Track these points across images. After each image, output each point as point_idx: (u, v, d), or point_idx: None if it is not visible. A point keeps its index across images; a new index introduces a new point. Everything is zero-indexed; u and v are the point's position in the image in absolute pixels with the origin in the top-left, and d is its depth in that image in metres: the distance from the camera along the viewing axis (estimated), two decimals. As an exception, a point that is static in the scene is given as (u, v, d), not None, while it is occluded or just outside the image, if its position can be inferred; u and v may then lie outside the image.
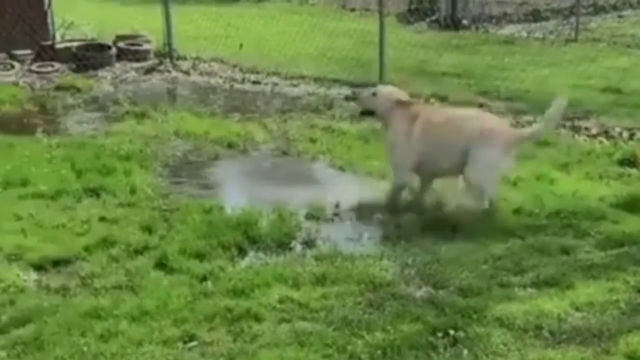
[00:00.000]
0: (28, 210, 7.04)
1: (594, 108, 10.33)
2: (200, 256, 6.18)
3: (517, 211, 6.98)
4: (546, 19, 18.68)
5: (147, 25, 14.90)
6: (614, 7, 19.98)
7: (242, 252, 6.35)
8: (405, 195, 7.41)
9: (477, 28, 17.45)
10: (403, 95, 7.37)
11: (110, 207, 7.21)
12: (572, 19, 17.51)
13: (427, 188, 7.40)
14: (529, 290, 5.61)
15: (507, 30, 17.45)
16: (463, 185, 7.16)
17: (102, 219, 6.92)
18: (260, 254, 6.37)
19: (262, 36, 15.03)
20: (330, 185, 7.93)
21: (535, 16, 18.86)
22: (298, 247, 6.50)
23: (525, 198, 7.23)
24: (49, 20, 13.53)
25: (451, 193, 7.34)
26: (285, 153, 8.98)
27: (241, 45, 14.22)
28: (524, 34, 17.00)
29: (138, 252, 6.27)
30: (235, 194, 7.69)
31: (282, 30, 14.93)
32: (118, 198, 7.41)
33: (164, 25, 13.79)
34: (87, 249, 6.31)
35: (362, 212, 7.22)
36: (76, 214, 7.02)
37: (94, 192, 7.51)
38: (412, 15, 18.61)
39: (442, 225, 6.77)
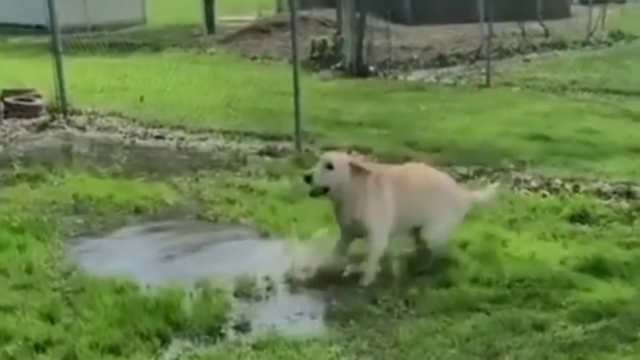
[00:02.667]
0: None
1: (528, 157, 9.73)
2: (115, 350, 5.20)
3: (474, 280, 6.15)
4: (453, 64, 18.61)
5: (36, 78, 13.84)
6: (519, 51, 20.09)
7: (165, 342, 5.38)
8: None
9: (384, 74, 16.99)
10: (352, 158, 6.77)
11: (4, 291, 6.12)
12: (479, 63, 17.36)
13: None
14: (509, 379, 4.84)
15: (415, 76, 17.17)
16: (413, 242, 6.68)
17: (-7, 306, 5.85)
18: (187, 343, 5.40)
19: (162, 88, 14.02)
20: (258, 254, 6.96)
21: (442, 61, 18.73)
22: (231, 333, 5.55)
23: (480, 264, 6.42)
24: None
25: (399, 261, 6.59)
26: (200, 217, 8.01)
27: (142, 98, 13.25)
28: (433, 79, 16.71)
29: (39, 348, 5.23)
30: (150, 269, 6.68)
31: (183, 81, 14.07)
32: (12, 279, 6.33)
33: (56, 78, 12.76)
34: (-24, 347, 5.23)
35: (299, 284, 6.34)
36: (-38, 301, 5.93)
37: (-17, 273, 6.43)
38: (316, 62, 18.10)
39: (393, 299, 5.94)
